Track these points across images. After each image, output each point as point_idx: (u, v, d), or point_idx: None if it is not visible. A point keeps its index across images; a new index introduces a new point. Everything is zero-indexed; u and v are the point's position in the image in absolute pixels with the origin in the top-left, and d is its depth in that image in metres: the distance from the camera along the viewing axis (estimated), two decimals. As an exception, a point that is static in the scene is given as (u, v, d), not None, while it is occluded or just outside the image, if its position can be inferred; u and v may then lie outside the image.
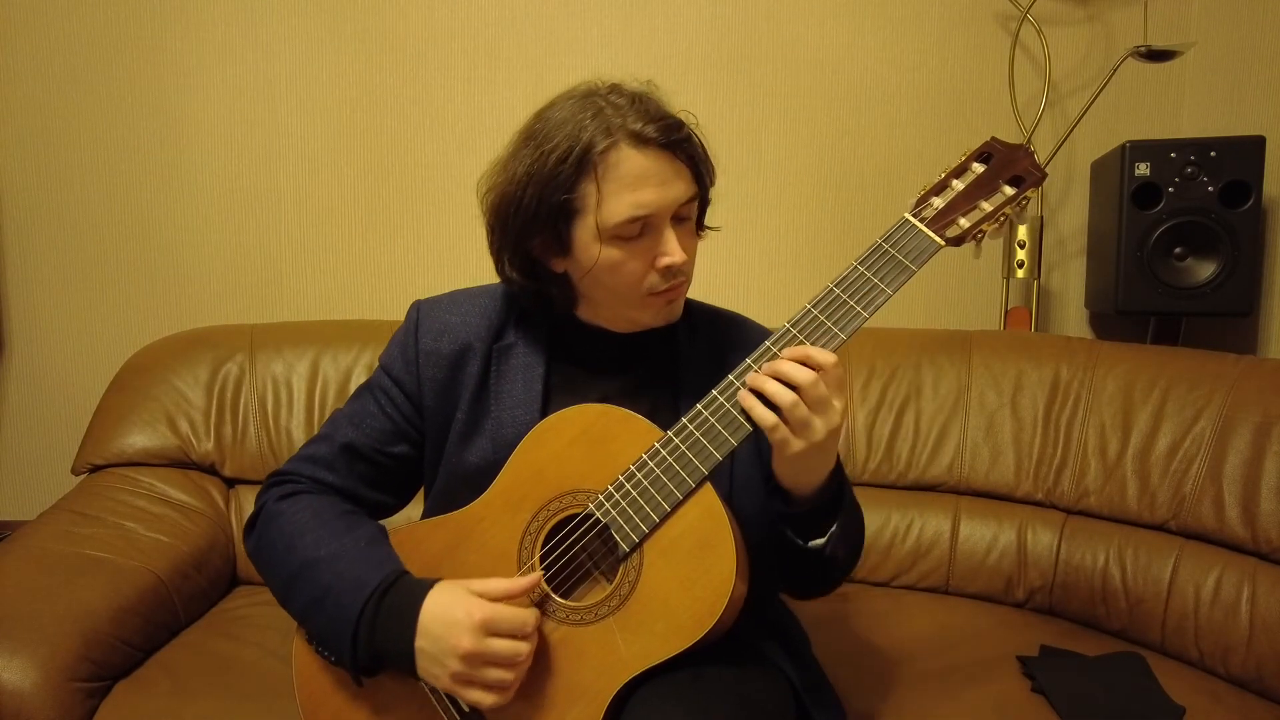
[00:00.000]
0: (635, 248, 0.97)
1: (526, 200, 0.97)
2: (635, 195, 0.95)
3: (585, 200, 0.95)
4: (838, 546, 0.98)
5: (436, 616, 0.91)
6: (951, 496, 1.69)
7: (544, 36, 2.15)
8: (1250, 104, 1.99)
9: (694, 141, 1.00)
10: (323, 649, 1.03)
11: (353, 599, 0.95)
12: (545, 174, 0.95)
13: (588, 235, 0.97)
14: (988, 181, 0.97)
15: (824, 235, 2.18)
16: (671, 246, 0.97)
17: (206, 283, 2.23)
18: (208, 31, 2.16)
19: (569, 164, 0.94)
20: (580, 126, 0.95)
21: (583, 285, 1.03)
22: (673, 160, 0.97)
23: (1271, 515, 1.38)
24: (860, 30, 2.12)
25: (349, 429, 1.11)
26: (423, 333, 1.11)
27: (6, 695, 1.17)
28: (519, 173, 0.98)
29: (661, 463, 0.93)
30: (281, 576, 1.03)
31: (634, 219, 0.95)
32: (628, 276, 0.99)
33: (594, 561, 1.01)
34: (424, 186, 2.20)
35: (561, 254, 1.00)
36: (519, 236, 1.00)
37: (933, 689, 1.26)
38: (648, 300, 1.01)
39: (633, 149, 0.94)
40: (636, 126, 0.95)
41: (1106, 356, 1.64)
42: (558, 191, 0.95)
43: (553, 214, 0.96)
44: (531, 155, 0.97)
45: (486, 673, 0.90)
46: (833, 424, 0.89)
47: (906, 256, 0.93)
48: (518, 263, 1.03)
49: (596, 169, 0.94)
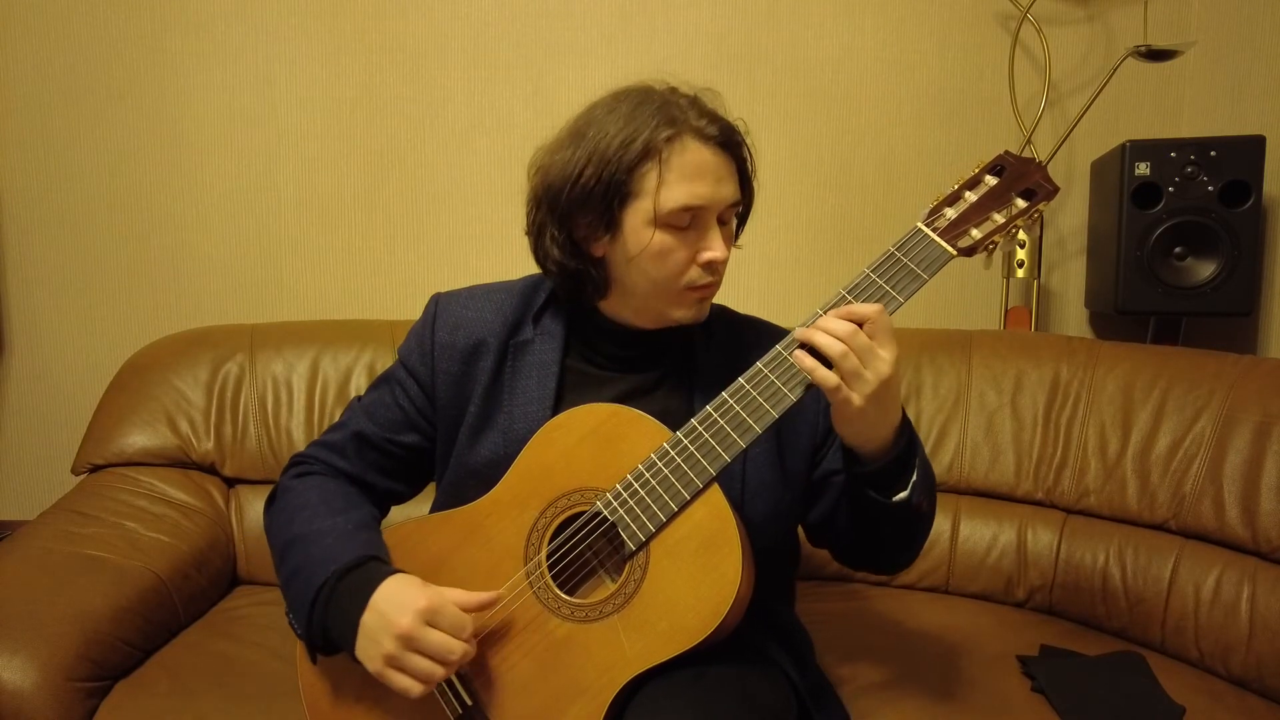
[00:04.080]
0: (683, 238, 1.00)
1: (585, 178, 0.99)
2: (692, 186, 0.98)
3: (645, 184, 0.98)
4: (921, 497, 0.99)
5: (386, 597, 0.94)
6: (951, 496, 1.69)
7: (544, 37, 2.15)
8: (1250, 104, 2.00)
9: (745, 149, 1.05)
10: (291, 619, 1.05)
11: (320, 571, 0.98)
12: (609, 155, 0.98)
13: (640, 219, 0.99)
14: (1000, 194, 0.98)
15: (824, 235, 2.18)
16: (716, 242, 1.00)
17: (206, 283, 2.23)
18: (208, 31, 2.16)
19: (635, 146, 0.97)
20: (646, 115, 0.98)
21: (622, 272, 1.04)
22: (727, 161, 1.01)
23: (1271, 515, 1.38)
24: (860, 30, 2.13)
25: (362, 418, 1.15)
26: (439, 326, 1.13)
27: (6, 695, 1.16)
28: (578, 153, 1.00)
29: (670, 463, 0.94)
30: (278, 546, 1.07)
31: (688, 208, 0.98)
32: (672, 266, 1.00)
33: (599, 560, 1.01)
34: (424, 186, 2.20)
35: (607, 237, 1.02)
36: (567, 213, 1.02)
37: (933, 689, 1.26)
38: (684, 294, 1.03)
39: (696, 142, 0.98)
40: (701, 123, 0.99)
41: (1106, 356, 1.64)
42: (619, 172, 0.98)
43: (609, 194, 0.98)
44: (595, 136, 1.00)
45: (415, 660, 0.91)
46: (881, 374, 0.89)
47: (919, 265, 0.95)
48: (560, 240, 1.04)
49: (660, 154, 0.97)
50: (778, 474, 1.10)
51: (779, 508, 1.10)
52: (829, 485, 1.11)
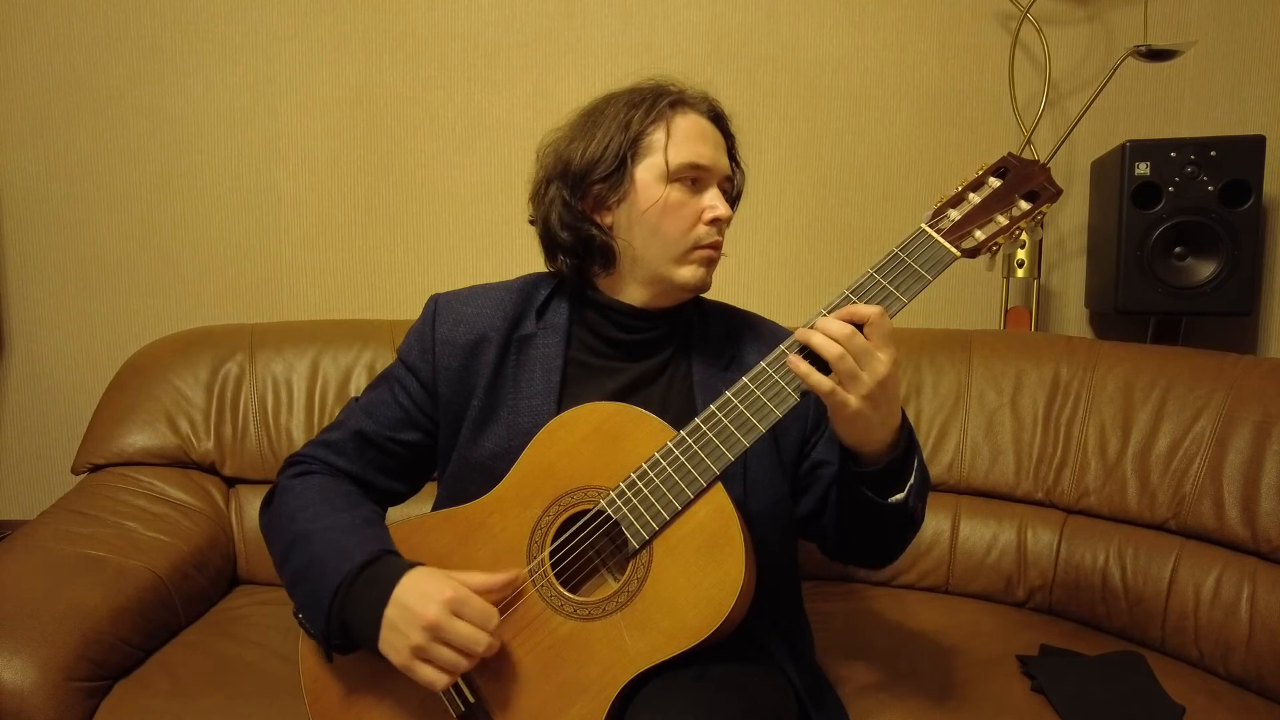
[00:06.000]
0: (690, 195, 1.07)
1: (600, 141, 1.08)
2: (696, 146, 1.07)
3: (654, 143, 1.07)
4: (917, 501, 1.00)
5: (410, 589, 0.94)
6: (951, 496, 1.69)
7: (544, 36, 2.15)
8: (1250, 104, 2.00)
9: (731, 133, 1.15)
10: (303, 618, 1.04)
11: (336, 568, 0.98)
12: (620, 120, 1.08)
13: (652, 175, 1.07)
14: (1003, 196, 0.98)
15: (824, 235, 2.18)
16: (719, 201, 1.08)
17: (206, 283, 2.23)
18: (207, 31, 2.16)
19: (642, 110, 1.08)
20: (649, 90, 1.10)
21: (630, 237, 1.09)
22: (720, 135, 1.12)
23: (1271, 515, 1.38)
24: (860, 30, 2.13)
25: (362, 417, 1.15)
26: (439, 322, 1.14)
27: (6, 695, 1.16)
28: (591, 127, 1.10)
29: (674, 461, 0.95)
30: (280, 546, 1.07)
31: (696, 165, 1.07)
32: (682, 221, 1.07)
33: (602, 559, 1.02)
34: (424, 186, 2.20)
35: (617, 198, 1.08)
36: (579, 181, 1.09)
37: (933, 689, 1.26)
38: (692, 253, 1.08)
39: (694, 112, 1.10)
40: (694, 99, 1.11)
41: (1106, 356, 1.64)
42: (630, 132, 1.07)
43: (622, 150, 1.07)
44: (603, 111, 1.10)
45: (442, 651, 0.91)
46: (878, 375, 0.90)
47: (923, 266, 0.95)
48: (573, 210, 1.10)
49: (666, 117, 1.08)
50: (775, 464, 1.12)
51: (779, 494, 1.12)
52: (817, 477, 1.13)
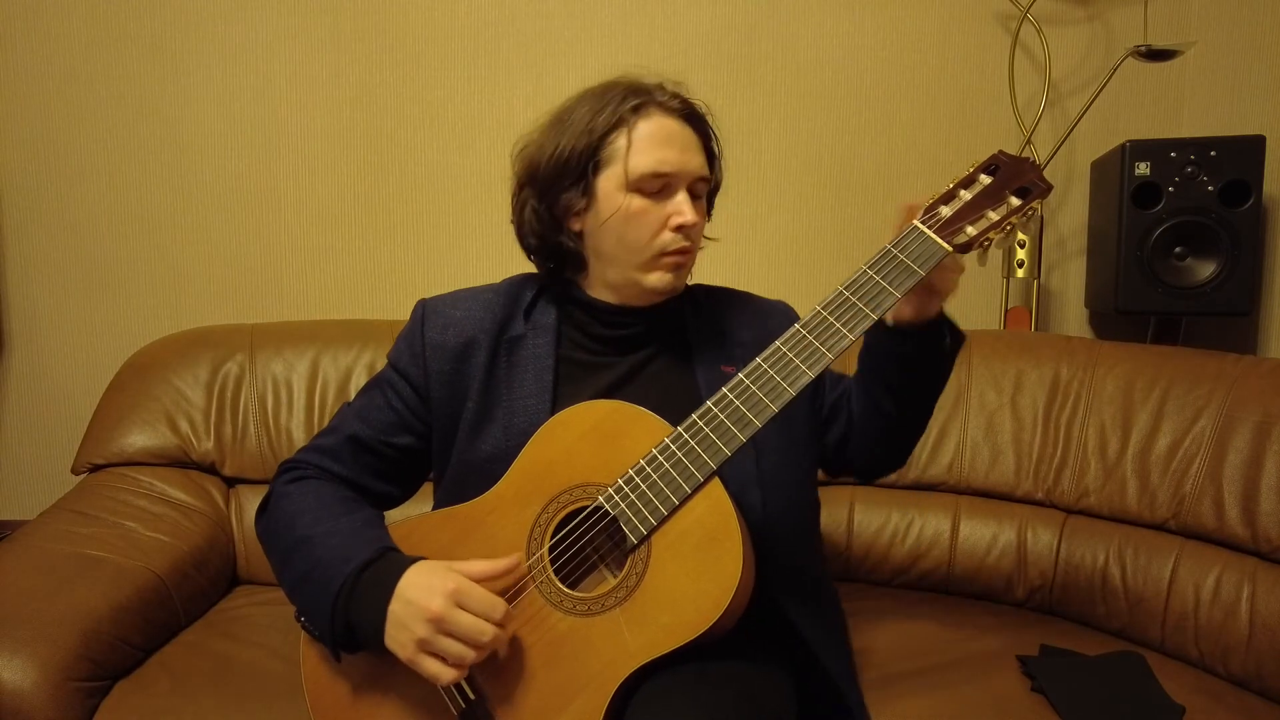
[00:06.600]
0: (654, 203, 1.07)
1: (562, 149, 1.07)
2: (660, 153, 1.06)
3: (615, 151, 1.06)
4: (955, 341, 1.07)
5: (413, 583, 0.94)
6: (951, 496, 1.69)
7: (543, 36, 2.15)
8: (1250, 104, 2.00)
9: (709, 126, 1.13)
10: (306, 622, 1.04)
11: (338, 570, 0.98)
12: (583, 127, 1.07)
13: (613, 185, 1.06)
14: (995, 192, 0.99)
15: (824, 235, 2.18)
16: (685, 207, 1.07)
17: (206, 283, 2.23)
18: (207, 31, 2.16)
19: (604, 117, 1.06)
20: (616, 93, 1.08)
21: (598, 242, 1.09)
22: (693, 134, 1.10)
23: (1271, 515, 1.38)
24: (860, 30, 2.13)
25: (355, 422, 1.15)
26: (429, 327, 1.15)
27: (6, 695, 1.16)
28: (556, 133, 1.09)
29: (671, 457, 0.95)
30: (280, 551, 1.07)
31: (657, 174, 1.05)
32: (644, 229, 1.06)
33: (601, 555, 1.02)
34: (424, 186, 2.20)
35: (584, 203, 1.08)
36: (547, 187, 1.09)
37: (933, 688, 1.26)
38: (658, 260, 1.08)
39: (660, 113, 1.07)
40: (664, 97, 1.09)
41: (1106, 356, 1.64)
42: (593, 140, 1.06)
43: (584, 161, 1.06)
44: (571, 113, 1.09)
45: (448, 643, 0.91)
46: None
47: (914, 261, 0.96)
48: (541, 216, 1.11)
49: (628, 123, 1.06)
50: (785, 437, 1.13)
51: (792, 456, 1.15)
52: (838, 409, 1.19)
